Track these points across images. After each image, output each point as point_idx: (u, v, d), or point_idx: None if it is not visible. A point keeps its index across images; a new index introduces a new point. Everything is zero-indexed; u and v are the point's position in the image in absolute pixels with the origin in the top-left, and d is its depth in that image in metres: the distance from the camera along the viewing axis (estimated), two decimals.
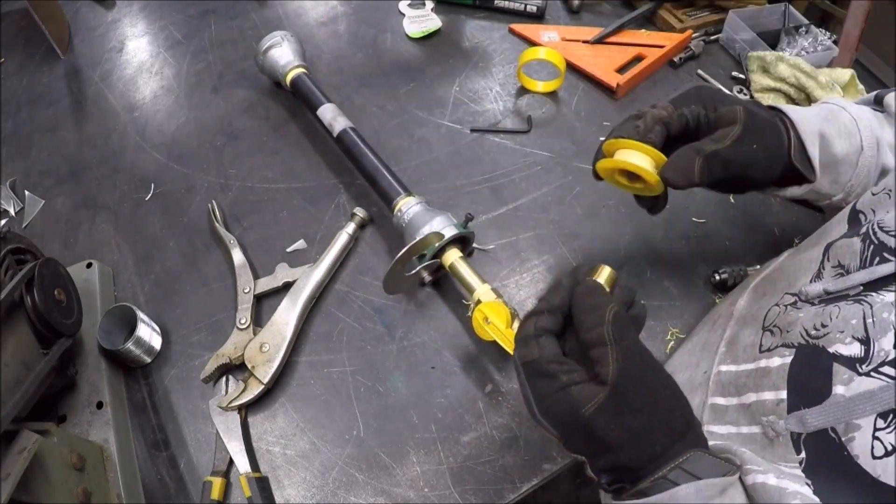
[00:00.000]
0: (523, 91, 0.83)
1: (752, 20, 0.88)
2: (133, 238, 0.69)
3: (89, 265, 0.63)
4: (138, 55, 0.90)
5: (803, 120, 0.46)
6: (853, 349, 0.34)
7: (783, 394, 0.37)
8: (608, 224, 0.69)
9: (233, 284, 0.63)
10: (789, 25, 0.88)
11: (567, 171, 0.74)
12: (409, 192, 0.64)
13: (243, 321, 0.59)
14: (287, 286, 0.62)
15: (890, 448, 0.29)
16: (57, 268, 0.53)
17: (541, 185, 0.72)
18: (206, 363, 0.57)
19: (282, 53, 0.78)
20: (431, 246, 0.57)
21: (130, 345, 0.56)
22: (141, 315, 0.58)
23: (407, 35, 0.91)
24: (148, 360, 0.59)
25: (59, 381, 0.53)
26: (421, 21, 0.92)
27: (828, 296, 0.39)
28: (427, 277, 0.63)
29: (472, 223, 0.60)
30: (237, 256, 0.64)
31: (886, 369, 0.31)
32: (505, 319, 0.50)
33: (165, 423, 0.56)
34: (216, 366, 0.56)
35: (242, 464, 0.52)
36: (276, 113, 0.81)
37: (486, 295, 0.54)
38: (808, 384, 0.36)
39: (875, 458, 0.29)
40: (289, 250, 0.67)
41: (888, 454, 0.29)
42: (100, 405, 0.54)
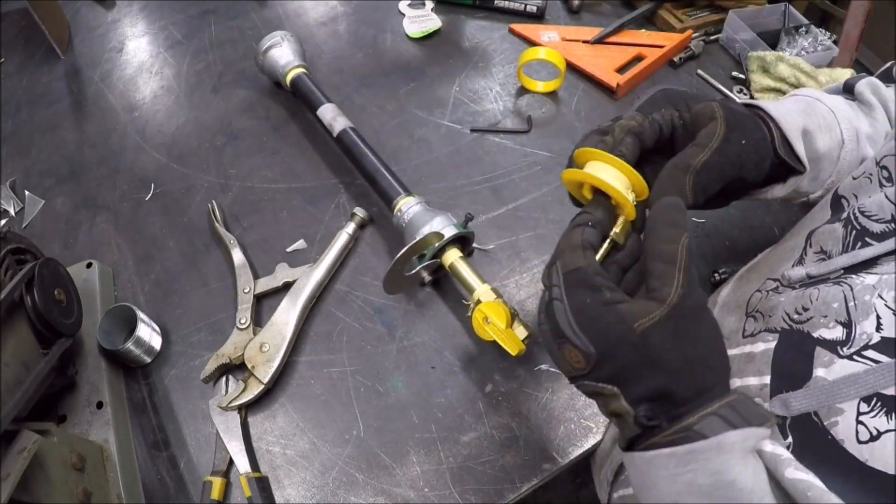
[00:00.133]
0: (523, 91, 0.83)
1: (752, 20, 0.88)
2: (133, 238, 0.69)
3: (89, 265, 0.63)
4: (138, 55, 0.90)
5: (785, 115, 0.43)
6: (836, 332, 0.33)
7: (767, 379, 0.37)
8: None
9: (233, 284, 0.63)
10: (789, 25, 0.88)
11: None
12: (409, 192, 0.64)
13: (243, 321, 0.59)
14: (287, 286, 0.62)
15: (875, 433, 0.29)
16: (57, 268, 0.53)
17: (541, 185, 0.72)
18: (206, 363, 0.57)
19: (282, 53, 0.78)
20: (431, 246, 0.57)
21: (130, 345, 0.56)
22: (141, 315, 0.58)
23: (407, 35, 0.91)
24: (148, 360, 0.59)
25: (59, 381, 0.53)
26: (421, 21, 0.92)
27: (809, 280, 0.39)
28: (427, 277, 0.63)
29: (472, 223, 0.60)
30: (237, 256, 0.64)
31: (870, 353, 0.31)
32: (505, 319, 0.50)
33: (165, 423, 0.56)
34: (216, 366, 0.56)
35: (242, 464, 0.52)
36: (276, 113, 0.81)
37: (486, 295, 0.54)
38: (791, 368, 0.36)
39: (861, 443, 0.29)
40: (289, 250, 0.67)
41: (873, 439, 0.29)
42: (100, 405, 0.54)
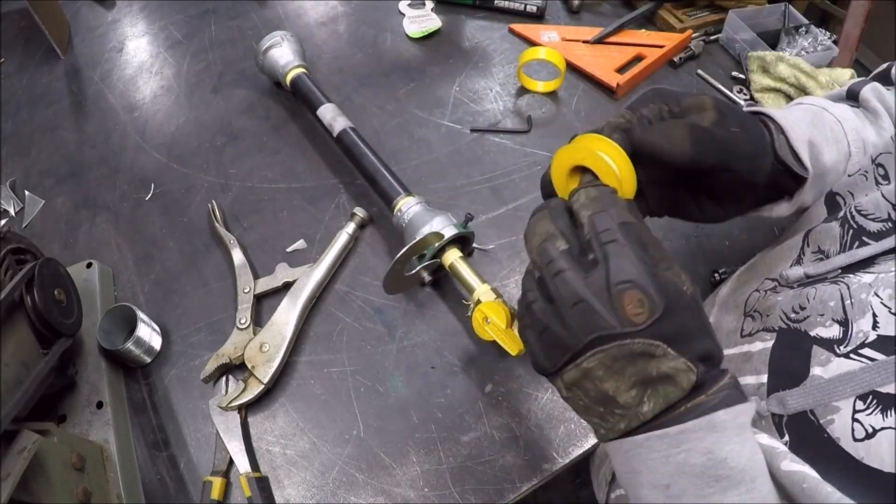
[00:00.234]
0: (523, 91, 0.83)
1: (752, 20, 0.88)
2: (133, 238, 0.69)
3: (89, 265, 0.63)
4: (138, 55, 0.90)
5: (792, 124, 0.41)
6: (832, 331, 0.33)
7: (764, 377, 0.37)
8: None
9: (233, 284, 0.63)
10: (789, 25, 0.88)
11: None
12: (409, 192, 0.64)
13: (243, 321, 0.59)
14: (287, 286, 0.62)
15: (870, 430, 0.29)
16: (57, 268, 0.53)
17: None
18: (206, 363, 0.57)
19: (282, 53, 0.78)
20: (431, 246, 0.57)
21: (130, 345, 0.56)
22: (141, 315, 0.58)
23: (407, 35, 0.91)
24: (148, 360, 0.59)
25: (59, 381, 0.52)
26: (421, 21, 0.92)
27: (807, 279, 0.39)
28: (427, 277, 0.63)
29: (472, 223, 0.60)
30: (237, 256, 0.64)
31: (866, 351, 0.31)
32: (505, 319, 0.50)
33: (165, 423, 0.56)
34: (216, 366, 0.56)
35: (242, 464, 0.52)
36: (276, 113, 0.81)
37: (486, 295, 0.54)
38: (788, 367, 0.36)
39: (856, 441, 0.29)
40: (289, 250, 0.67)
41: (869, 437, 0.29)
42: (100, 405, 0.54)
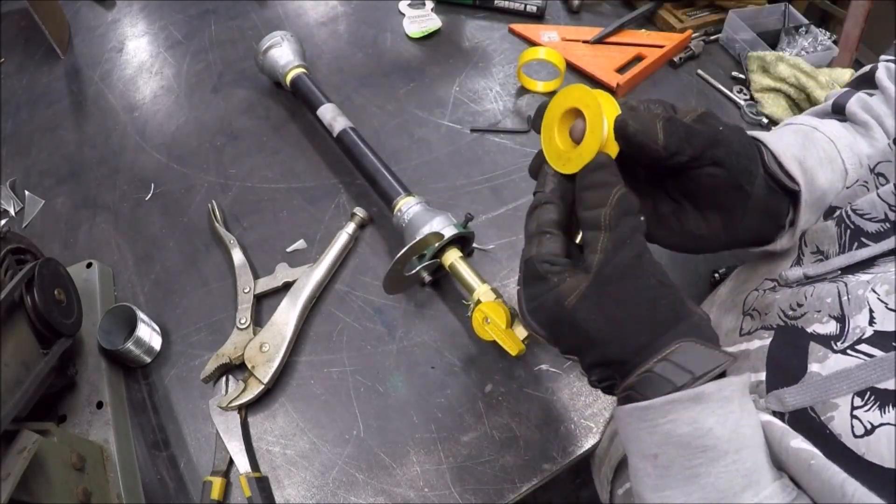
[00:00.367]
0: (523, 91, 0.83)
1: (752, 20, 0.88)
2: (133, 238, 0.69)
3: (89, 265, 0.63)
4: (138, 55, 0.90)
5: (776, 141, 0.40)
6: (829, 327, 0.33)
7: (762, 375, 0.37)
8: None
9: (233, 284, 0.63)
10: (789, 25, 0.88)
11: None
12: (409, 192, 0.64)
13: (243, 321, 0.59)
14: (287, 286, 0.62)
15: (869, 427, 0.28)
16: (57, 268, 0.53)
17: None
18: (206, 363, 0.57)
19: (282, 53, 0.78)
20: (431, 246, 0.57)
21: (130, 345, 0.56)
22: (141, 315, 0.58)
23: (407, 35, 0.91)
24: (148, 360, 0.59)
25: (59, 381, 0.52)
26: (421, 21, 0.92)
27: (807, 280, 0.39)
28: (427, 277, 0.63)
29: (472, 223, 0.60)
30: (237, 256, 0.64)
31: (863, 347, 0.31)
32: (505, 319, 0.50)
33: (165, 423, 0.56)
34: (216, 366, 0.56)
35: (242, 464, 0.52)
36: (276, 113, 0.81)
37: (486, 295, 0.54)
38: (786, 364, 0.36)
39: (856, 437, 0.29)
40: (289, 250, 0.67)
41: (868, 433, 0.28)
42: (100, 405, 0.54)
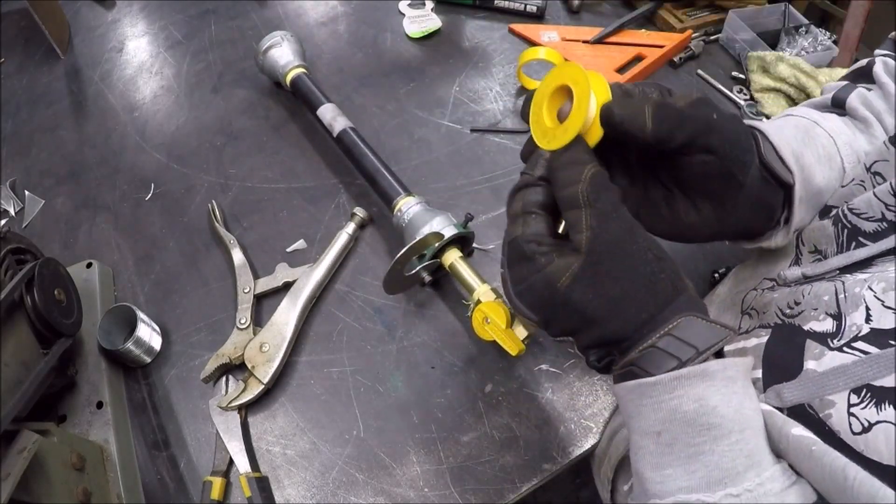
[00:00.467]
0: (523, 91, 0.83)
1: (752, 20, 0.88)
2: (133, 238, 0.69)
3: (89, 265, 0.63)
4: (138, 55, 0.90)
5: (776, 131, 0.39)
6: (826, 325, 0.33)
7: (759, 372, 0.38)
8: None
9: (233, 284, 0.63)
10: (789, 25, 0.88)
11: None
12: (409, 192, 0.64)
13: (243, 321, 0.59)
14: (287, 286, 0.62)
15: (866, 424, 0.28)
16: (57, 268, 0.53)
17: None
18: (206, 363, 0.57)
19: (282, 53, 0.78)
20: (431, 246, 0.57)
21: (130, 345, 0.56)
22: (141, 315, 0.58)
23: (407, 35, 0.91)
24: (148, 360, 0.59)
25: (59, 381, 0.52)
26: (421, 21, 0.92)
27: (805, 279, 0.39)
28: (427, 277, 0.63)
29: (472, 223, 0.60)
30: (237, 256, 0.64)
31: (859, 344, 0.31)
32: (505, 319, 0.50)
33: (165, 423, 0.56)
34: (216, 366, 0.56)
35: (242, 464, 0.52)
36: (276, 113, 0.81)
37: (486, 295, 0.54)
38: (782, 361, 0.36)
39: (854, 435, 0.29)
40: (289, 250, 0.67)
41: (866, 430, 0.28)
42: (100, 405, 0.54)
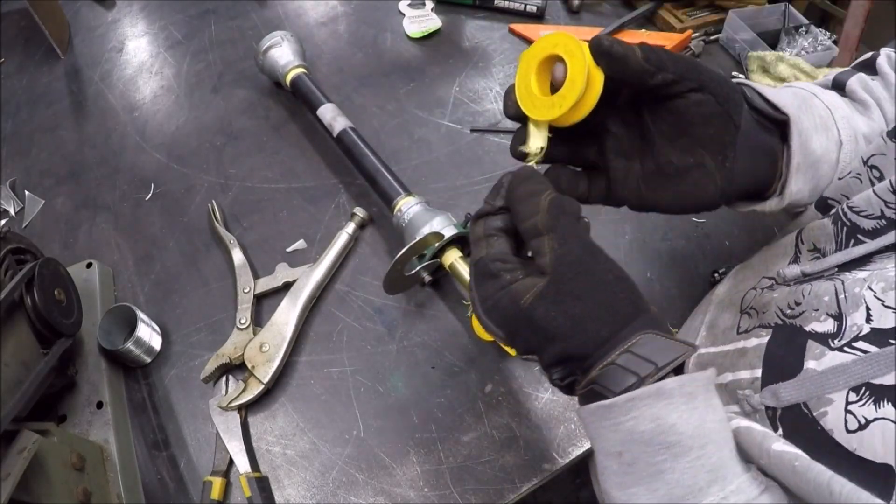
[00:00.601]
0: None
1: (752, 20, 0.88)
2: (133, 238, 0.69)
3: (89, 265, 0.63)
4: (138, 55, 0.90)
5: (764, 88, 0.39)
6: (827, 325, 0.34)
7: (758, 372, 0.38)
8: (608, 224, 0.69)
9: (233, 284, 0.63)
10: (789, 25, 0.88)
11: None
12: (409, 192, 0.64)
13: (243, 321, 0.59)
14: (287, 286, 0.62)
15: (863, 421, 0.29)
16: (57, 268, 0.53)
17: None
18: (206, 363, 0.57)
19: (282, 53, 0.78)
20: (431, 246, 0.57)
21: (130, 345, 0.56)
22: (141, 315, 0.58)
23: (407, 35, 0.91)
24: (148, 360, 0.59)
25: (59, 381, 0.52)
26: (421, 21, 0.92)
27: (804, 278, 0.39)
28: (427, 277, 0.63)
29: None
30: (237, 256, 0.64)
31: (860, 344, 0.31)
32: None
33: (165, 423, 0.56)
34: (216, 366, 0.56)
35: (242, 464, 0.52)
36: (276, 113, 0.81)
37: None
38: (782, 361, 0.36)
39: (849, 433, 0.29)
40: (289, 250, 0.67)
41: (861, 427, 0.29)
42: (100, 405, 0.54)
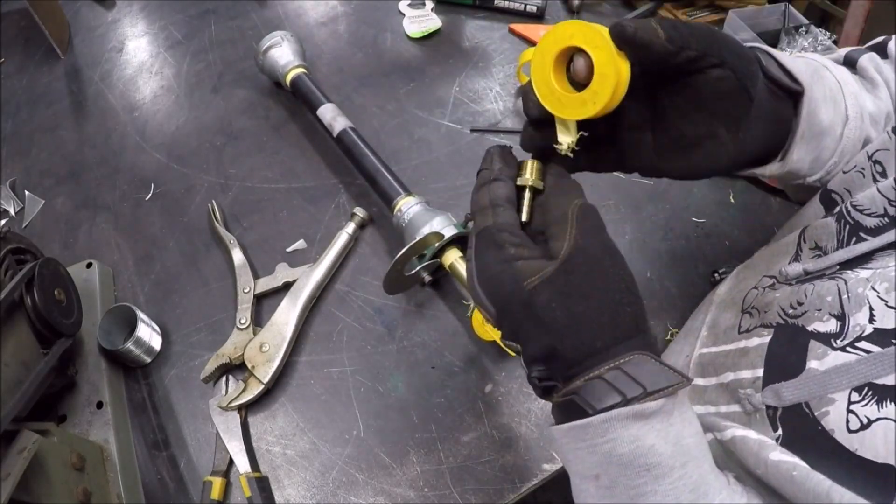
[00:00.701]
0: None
1: (752, 20, 0.88)
2: (133, 238, 0.69)
3: (89, 265, 0.63)
4: (138, 55, 0.90)
5: (780, 54, 0.39)
6: (830, 325, 0.33)
7: (760, 371, 0.37)
8: (608, 224, 0.66)
9: (233, 284, 0.63)
10: (789, 25, 0.88)
11: None
12: (409, 192, 0.64)
13: (243, 321, 0.59)
14: (287, 286, 0.62)
15: (866, 421, 0.28)
16: (57, 268, 0.53)
17: None
18: (206, 363, 0.57)
19: (282, 53, 0.78)
20: (431, 246, 0.57)
21: (130, 345, 0.56)
22: (141, 315, 0.58)
23: (407, 35, 0.91)
24: (148, 360, 0.59)
25: (59, 381, 0.52)
26: (421, 21, 0.92)
27: (806, 276, 0.39)
28: (427, 277, 0.63)
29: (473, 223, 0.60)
30: (237, 256, 0.64)
31: (863, 344, 0.31)
32: None
33: (165, 423, 0.56)
34: (216, 366, 0.56)
35: (242, 464, 0.52)
36: (276, 113, 0.81)
37: None
38: (784, 361, 0.36)
39: (851, 433, 0.29)
40: (289, 250, 0.67)
41: (864, 427, 0.28)
42: (100, 405, 0.54)
